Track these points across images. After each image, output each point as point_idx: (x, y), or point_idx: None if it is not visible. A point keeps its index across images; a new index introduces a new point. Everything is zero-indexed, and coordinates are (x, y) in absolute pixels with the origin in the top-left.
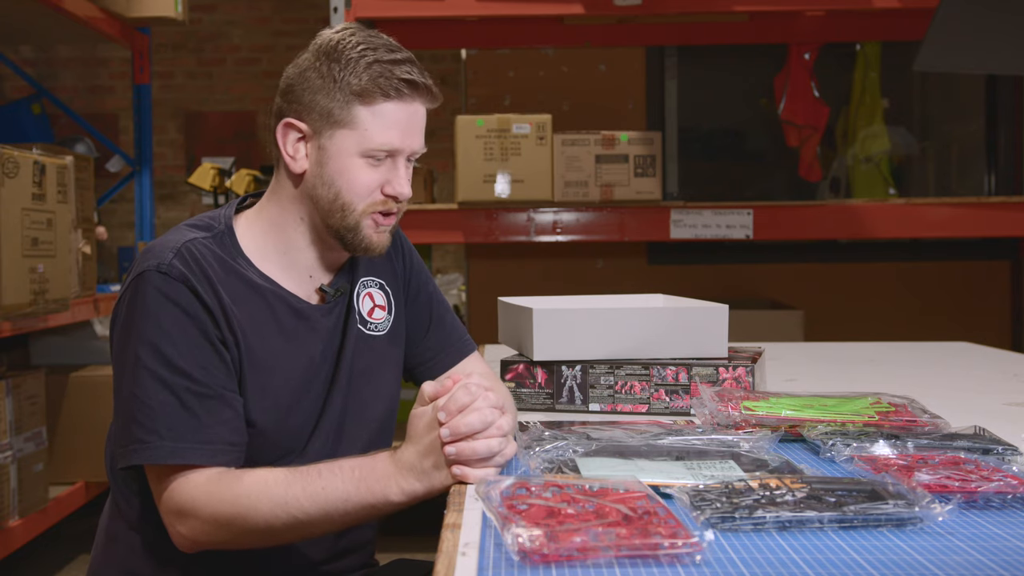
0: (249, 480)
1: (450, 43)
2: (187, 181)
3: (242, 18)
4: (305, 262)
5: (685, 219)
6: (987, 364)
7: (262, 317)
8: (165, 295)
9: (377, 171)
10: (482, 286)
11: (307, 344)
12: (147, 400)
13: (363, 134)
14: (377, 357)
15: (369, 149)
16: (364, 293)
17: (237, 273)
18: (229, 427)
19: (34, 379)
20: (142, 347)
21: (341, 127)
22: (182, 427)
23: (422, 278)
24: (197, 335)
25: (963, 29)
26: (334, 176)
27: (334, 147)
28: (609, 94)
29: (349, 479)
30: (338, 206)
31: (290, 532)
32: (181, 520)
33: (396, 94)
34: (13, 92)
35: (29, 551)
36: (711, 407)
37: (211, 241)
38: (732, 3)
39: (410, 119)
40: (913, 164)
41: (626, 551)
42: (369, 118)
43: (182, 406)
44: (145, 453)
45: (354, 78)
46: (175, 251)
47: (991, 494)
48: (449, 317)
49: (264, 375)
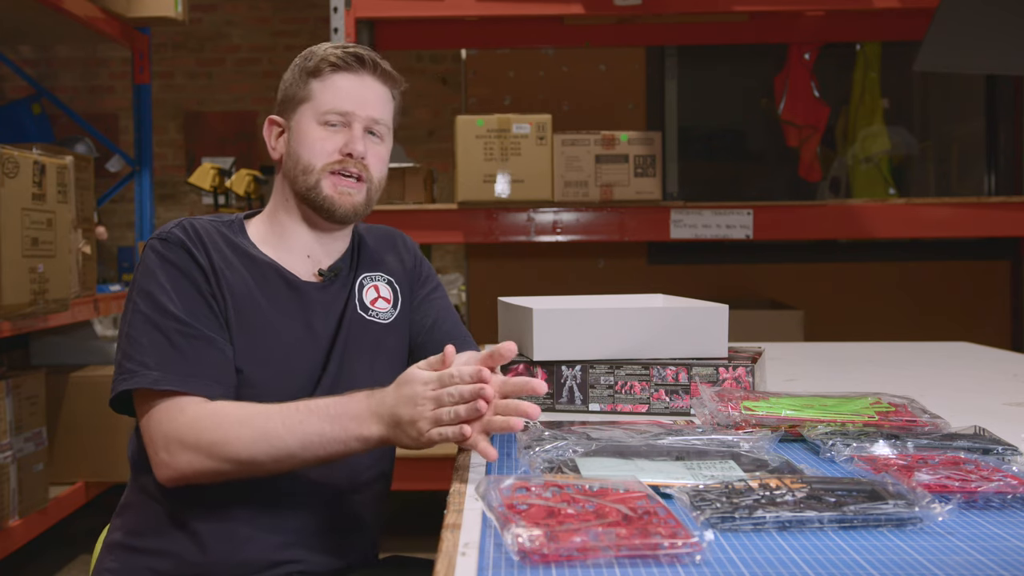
0: (233, 410)
1: (450, 43)
2: (187, 181)
3: (242, 18)
4: (301, 242)
5: (685, 219)
6: (987, 364)
7: (254, 283)
8: (163, 257)
9: (335, 136)
10: (482, 286)
11: (298, 314)
12: (139, 338)
13: (316, 102)
14: (373, 342)
15: (321, 113)
16: (370, 284)
17: (237, 247)
18: (216, 366)
19: (34, 379)
20: (139, 296)
21: (301, 103)
22: (169, 361)
23: (429, 285)
24: (190, 288)
25: (963, 29)
26: (296, 146)
27: (296, 122)
28: (609, 94)
29: (325, 416)
30: (300, 169)
31: (272, 463)
32: (166, 448)
33: (343, 65)
34: (13, 92)
35: (29, 551)
36: (711, 407)
37: (219, 224)
38: (732, 3)
39: (360, 88)
40: (913, 164)
41: (626, 551)
42: (320, 88)
43: (171, 344)
44: (133, 380)
45: (310, 63)
46: (177, 223)
47: (991, 494)
48: (451, 321)
49: (252, 332)
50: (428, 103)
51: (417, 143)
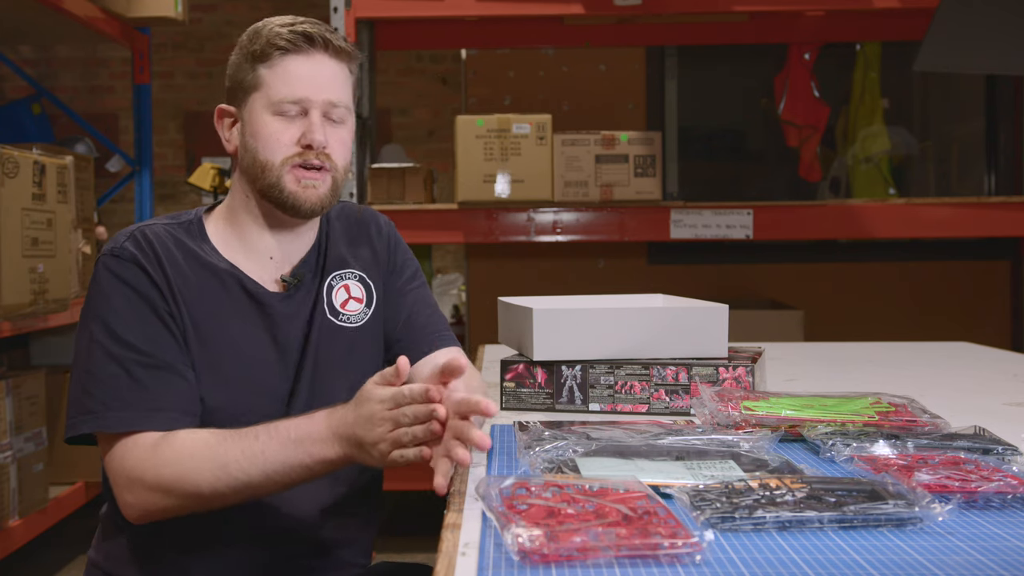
0: (191, 442)
1: (450, 43)
2: (187, 181)
3: (242, 18)
4: (261, 243)
5: (685, 219)
6: (987, 364)
7: (214, 297)
8: (116, 275)
9: (292, 126)
10: (482, 286)
11: (262, 328)
12: (97, 373)
13: (267, 91)
14: (347, 348)
15: (275, 103)
16: (340, 285)
17: (195, 256)
18: (179, 396)
19: (34, 379)
20: (94, 323)
21: (251, 92)
22: (129, 397)
23: (405, 274)
24: (147, 311)
25: (963, 29)
26: (251, 140)
27: (248, 113)
28: (609, 94)
29: (286, 440)
30: (259, 166)
31: (235, 494)
32: (128, 488)
33: (292, 47)
34: (13, 92)
35: (29, 551)
36: (711, 407)
37: (176, 228)
38: (732, 3)
39: (314, 70)
40: (913, 164)
41: (626, 551)
42: (270, 75)
43: (130, 377)
44: (93, 422)
45: (255, 45)
46: (129, 235)
47: (991, 494)
48: (426, 313)
49: (212, 352)
50: (428, 103)
51: (417, 143)
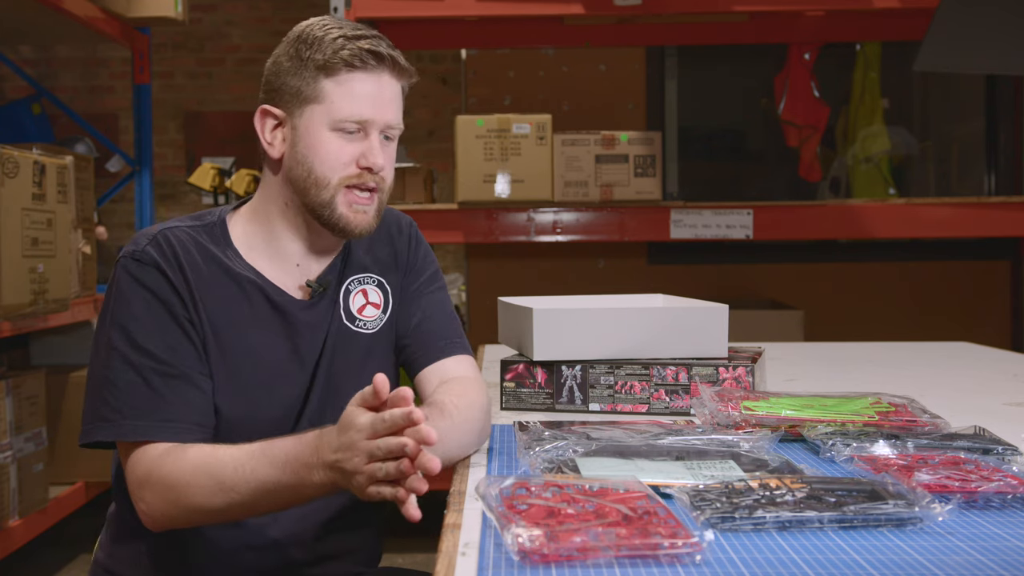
0: (192, 456)
1: (450, 43)
2: (187, 181)
3: (242, 18)
4: (291, 250)
5: (685, 219)
6: (987, 364)
7: (235, 305)
8: (137, 280)
9: (350, 145)
10: (482, 286)
11: (284, 337)
12: (114, 380)
13: (330, 106)
14: (362, 355)
15: (337, 120)
16: (358, 290)
17: (218, 261)
18: (194, 407)
19: (34, 379)
20: (113, 329)
21: (310, 103)
22: (145, 405)
23: (423, 276)
24: (166, 317)
25: (963, 29)
26: (306, 152)
27: (304, 124)
28: (609, 94)
29: (276, 461)
30: (312, 182)
31: (232, 511)
32: (139, 494)
33: (360, 64)
34: (13, 92)
35: (29, 551)
36: (711, 407)
37: (198, 231)
38: (732, 3)
39: (379, 90)
40: (913, 164)
41: (626, 551)
42: (335, 89)
43: (147, 386)
44: (109, 430)
45: (319, 54)
46: (151, 238)
47: (991, 494)
48: (439, 319)
49: (232, 361)
50: (428, 103)
51: (417, 143)
